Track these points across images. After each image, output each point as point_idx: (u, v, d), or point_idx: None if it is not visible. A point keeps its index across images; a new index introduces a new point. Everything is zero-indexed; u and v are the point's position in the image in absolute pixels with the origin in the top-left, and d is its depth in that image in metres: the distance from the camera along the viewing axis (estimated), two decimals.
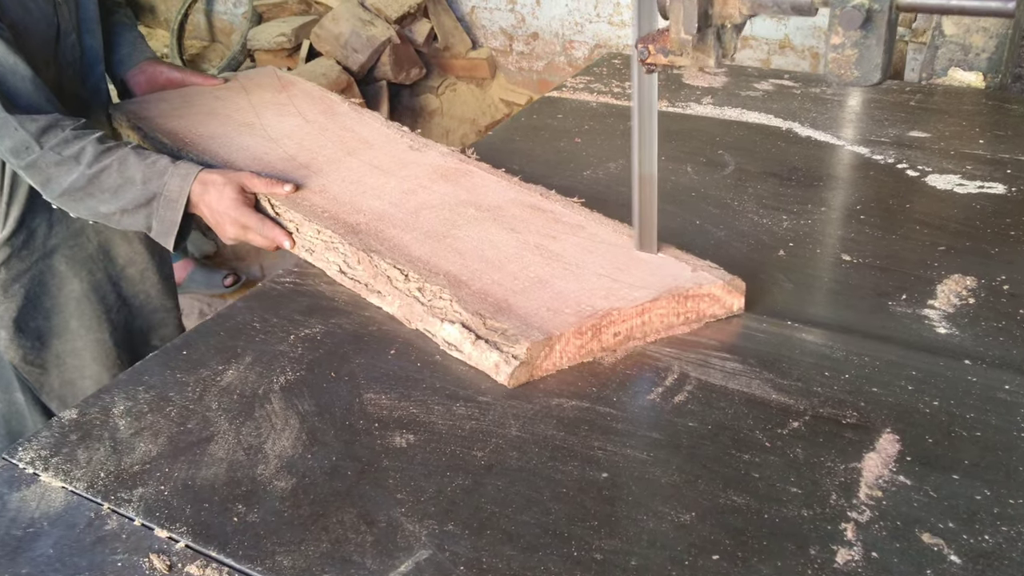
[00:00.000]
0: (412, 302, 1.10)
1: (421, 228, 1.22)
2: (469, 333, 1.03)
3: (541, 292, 1.07)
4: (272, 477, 0.90)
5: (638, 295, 1.05)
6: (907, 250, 1.20)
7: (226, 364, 1.06)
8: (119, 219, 1.32)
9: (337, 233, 1.20)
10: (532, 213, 1.24)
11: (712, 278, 1.09)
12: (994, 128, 1.52)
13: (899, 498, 0.83)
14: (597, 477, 0.87)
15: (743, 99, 1.68)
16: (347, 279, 1.19)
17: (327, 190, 1.31)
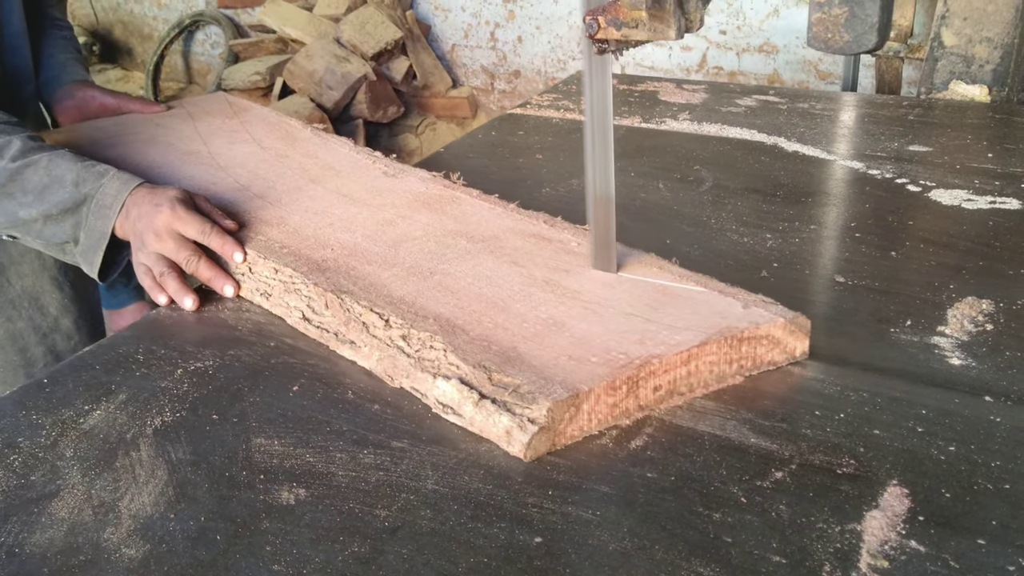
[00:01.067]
0: (395, 353, 0.89)
1: (402, 264, 1.02)
2: (470, 391, 0.82)
3: (557, 337, 0.87)
4: (121, 543, 0.71)
5: (681, 338, 0.85)
6: (910, 271, 1.03)
7: (94, 403, 0.88)
8: (40, 228, 1.11)
9: (299, 272, 1.01)
10: (536, 243, 1.05)
11: (769, 315, 0.88)
12: (1003, 142, 1.36)
13: (911, 570, 0.64)
14: (528, 542, 0.69)
15: (724, 115, 1.53)
16: (312, 327, 0.98)
17: (286, 222, 1.12)
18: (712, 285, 0.93)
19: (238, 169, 1.29)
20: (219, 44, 4.47)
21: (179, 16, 4.81)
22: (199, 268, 1.06)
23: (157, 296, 1.06)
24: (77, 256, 1.13)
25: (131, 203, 1.08)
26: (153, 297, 1.06)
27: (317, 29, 3.81)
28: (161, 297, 1.06)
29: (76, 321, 1.47)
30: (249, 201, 1.19)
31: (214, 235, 1.06)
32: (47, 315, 1.44)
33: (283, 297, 1.02)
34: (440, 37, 4.06)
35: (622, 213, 1.04)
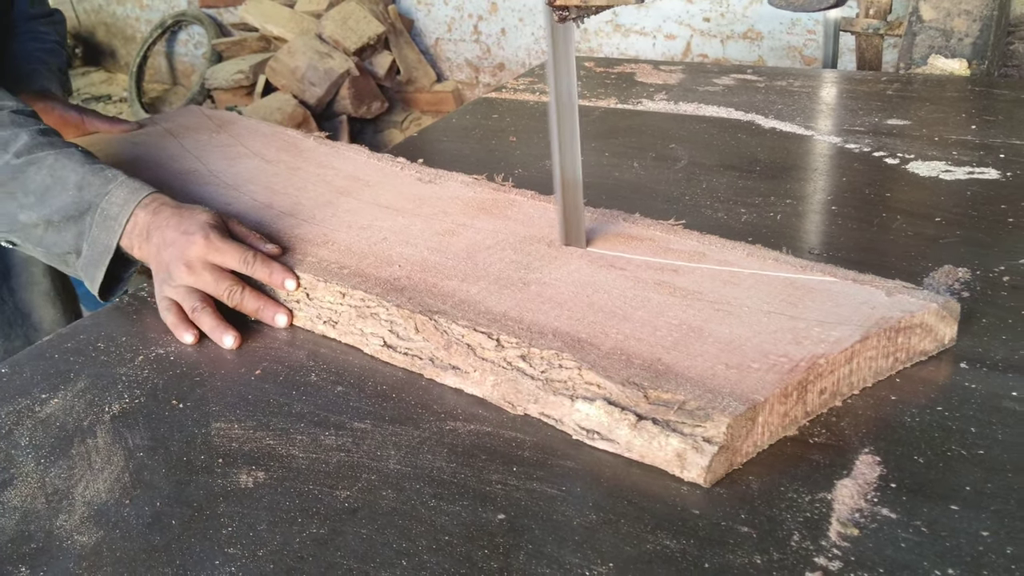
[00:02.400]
0: (515, 377, 0.79)
1: (487, 276, 0.92)
2: (623, 412, 0.73)
3: (702, 344, 0.78)
4: (74, 530, 0.69)
5: (838, 335, 0.78)
6: (887, 242, 1.01)
7: (51, 392, 0.86)
8: (41, 235, 0.99)
9: (373, 293, 0.90)
10: (628, 243, 0.96)
11: (921, 301, 0.82)
12: (983, 113, 1.34)
13: (882, 537, 0.63)
14: (491, 520, 0.67)
15: (701, 94, 1.51)
16: (398, 355, 0.87)
17: (332, 240, 1.02)
18: (840, 273, 0.87)
19: (250, 186, 1.18)
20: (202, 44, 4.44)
21: (161, 17, 4.79)
22: (244, 300, 0.95)
23: (183, 334, 0.93)
24: (79, 269, 1.01)
25: (153, 226, 0.97)
26: (177, 335, 0.93)
27: (299, 25, 3.78)
28: (187, 336, 0.93)
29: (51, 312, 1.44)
30: (278, 220, 1.08)
31: (258, 264, 0.95)
32: (40, 332, 1.41)
33: (355, 324, 0.91)
34: (423, 31, 4.04)
35: (596, 192, 1.03)
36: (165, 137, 1.37)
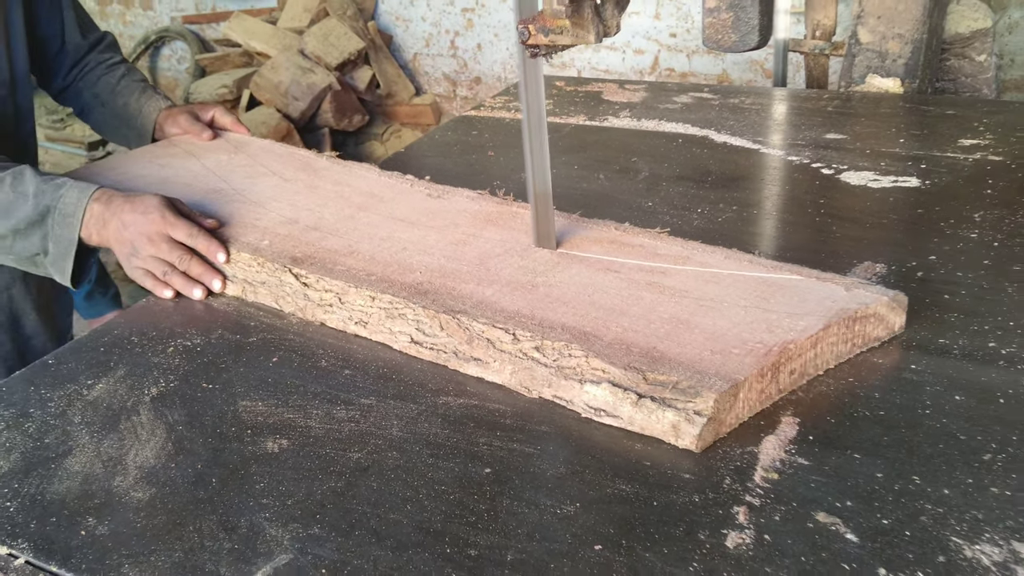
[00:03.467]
0: (531, 365, 0.92)
1: (499, 280, 1.05)
2: (626, 392, 0.86)
3: (690, 334, 0.92)
4: (129, 488, 0.83)
5: (804, 324, 0.91)
6: (818, 242, 1.16)
7: (96, 378, 0.99)
8: (11, 243, 1.18)
9: (400, 297, 1.03)
10: (620, 249, 1.09)
11: (873, 296, 0.96)
12: (911, 128, 1.50)
13: (796, 479, 0.77)
14: (479, 473, 0.81)
15: (661, 111, 1.66)
16: (425, 350, 0.99)
17: (357, 251, 1.14)
18: (805, 272, 1.00)
19: (274, 203, 1.29)
20: (185, 59, 4.56)
21: (144, 33, 4.90)
22: (191, 266, 1.15)
23: (162, 292, 1.15)
24: (48, 267, 1.19)
25: (108, 213, 1.16)
26: (157, 294, 1.15)
27: (282, 42, 3.91)
28: (166, 292, 1.15)
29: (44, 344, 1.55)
30: (305, 233, 1.19)
31: (200, 237, 1.16)
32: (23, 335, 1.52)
33: (385, 324, 1.03)
34: (402, 46, 4.18)
35: (566, 201, 1.17)
36: (187, 158, 1.47)
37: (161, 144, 1.55)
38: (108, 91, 1.56)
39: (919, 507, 0.73)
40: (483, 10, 3.92)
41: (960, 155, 1.37)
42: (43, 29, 1.52)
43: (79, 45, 1.56)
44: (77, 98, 1.59)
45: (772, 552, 0.70)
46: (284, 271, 1.11)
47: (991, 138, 1.42)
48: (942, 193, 1.25)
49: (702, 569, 0.69)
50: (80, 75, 1.58)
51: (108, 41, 1.62)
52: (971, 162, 1.34)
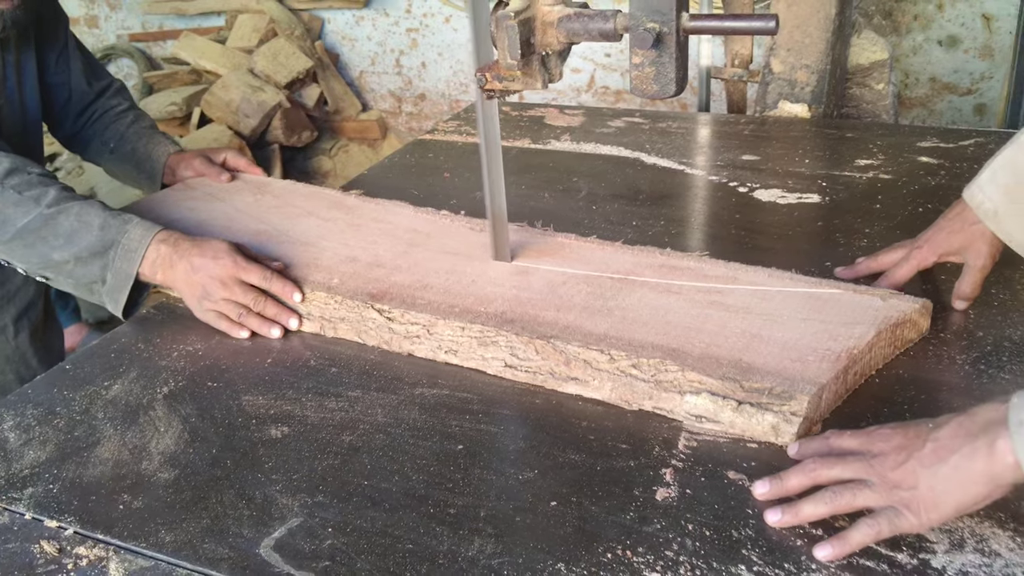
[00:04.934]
0: (630, 382, 1.02)
1: (574, 306, 1.13)
2: (725, 400, 0.97)
3: (766, 347, 1.02)
4: (156, 471, 0.97)
5: (859, 331, 1.04)
6: (730, 253, 1.33)
7: (112, 380, 1.14)
8: (72, 268, 1.22)
9: (490, 326, 1.10)
10: (672, 272, 1.19)
11: (907, 304, 1.09)
12: (815, 150, 1.71)
13: (712, 446, 0.96)
14: (453, 449, 0.98)
15: (597, 135, 1.85)
16: (520, 372, 1.08)
17: (429, 285, 1.20)
18: (842, 286, 1.13)
19: (324, 242, 1.33)
20: (132, 76, 4.63)
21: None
22: (266, 308, 1.21)
23: (238, 333, 1.21)
24: (104, 296, 1.24)
25: (176, 255, 1.21)
26: (234, 334, 1.21)
27: (231, 61, 4.03)
28: (243, 333, 1.20)
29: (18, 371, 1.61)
30: (369, 271, 1.24)
31: (275, 280, 1.21)
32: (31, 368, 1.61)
33: (476, 351, 1.10)
34: (348, 64, 4.32)
35: (515, 219, 1.34)
36: (212, 201, 1.50)
37: (177, 188, 1.57)
38: (117, 137, 1.61)
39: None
40: (427, 30, 4.09)
41: (856, 174, 1.57)
42: (52, 77, 1.57)
43: (85, 92, 1.61)
44: (86, 145, 1.64)
45: (692, 502, 0.88)
46: (366, 307, 1.17)
47: (883, 159, 1.63)
48: (839, 208, 1.46)
49: (636, 517, 0.87)
50: (88, 122, 1.63)
51: (116, 87, 1.67)
52: (865, 180, 1.55)
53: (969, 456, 0.75)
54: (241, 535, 0.87)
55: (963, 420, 0.78)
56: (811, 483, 0.85)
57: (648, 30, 0.96)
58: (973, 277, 1.16)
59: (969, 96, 3.21)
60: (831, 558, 0.80)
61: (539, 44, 1.05)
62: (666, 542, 0.83)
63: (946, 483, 0.76)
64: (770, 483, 0.87)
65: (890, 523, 0.79)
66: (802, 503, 0.84)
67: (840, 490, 0.83)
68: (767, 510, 0.85)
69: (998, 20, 3.08)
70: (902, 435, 0.82)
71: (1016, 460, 0.72)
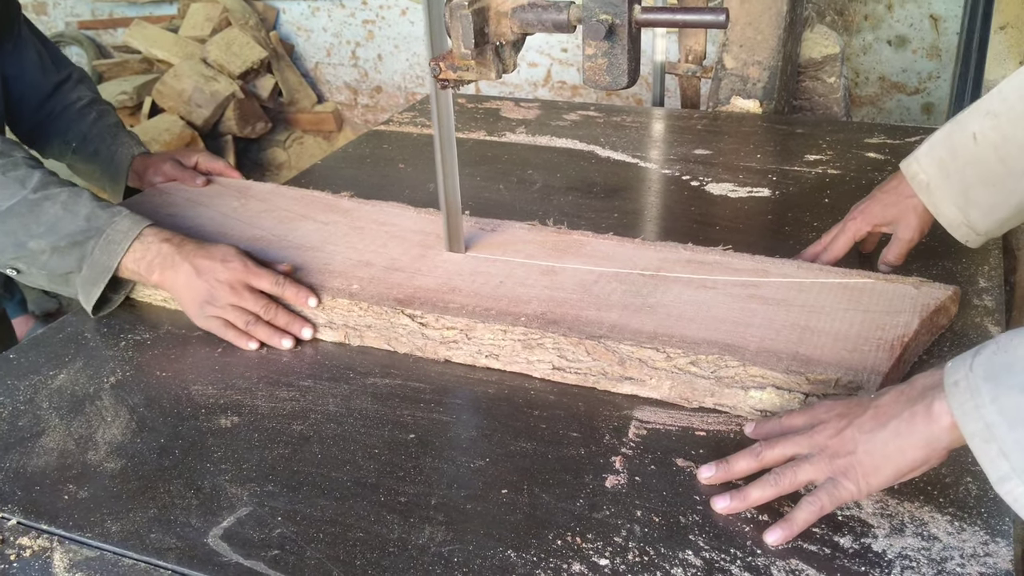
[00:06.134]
0: (690, 379, 1.00)
1: (614, 304, 1.10)
2: (791, 394, 0.96)
3: (819, 338, 1.02)
4: (102, 460, 0.96)
5: (903, 320, 1.04)
6: None
7: (57, 369, 1.12)
8: (47, 259, 1.15)
9: (532, 328, 1.06)
10: (701, 268, 1.17)
11: (941, 291, 1.09)
12: (765, 145, 1.73)
13: (660, 435, 0.97)
14: (405, 438, 0.98)
15: (553, 128, 1.85)
16: (569, 375, 1.05)
17: (458, 288, 1.16)
18: (874, 276, 1.13)
19: (329, 247, 1.28)
20: (82, 65, 4.54)
21: None
22: (277, 316, 1.14)
23: (246, 344, 1.13)
24: (77, 286, 1.16)
25: (180, 256, 1.14)
26: (241, 345, 1.13)
27: (183, 50, 3.97)
28: (251, 344, 1.13)
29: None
30: (389, 275, 1.19)
31: (287, 285, 1.15)
32: None
33: (520, 355, 1.07)
34: (304, 55, 4.28)
35: (470, 210, 1.34)
36: (195, 207, 1.42)
37: (150, 193, 1.48)
38: (79, 137, 1.52)
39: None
40: (383, 22, 4.06)
41: (805, 169, 1.60)
42: (5, 69, 1.48)
43: (41, 84, 1.51)
44: (48, 143, 1.55)
45: (641, 489, 0.89)
46: (396, 313, 1.12)
47: (832, 154, 1.66)
48: (788, 202, 1.48)
49: (586, 504, 0.87)
50: (49, 119, 1.53)
51: (76, 78, 1.56)
52: (814, 175, 1.57)
53: (908, 420, 0.77)
54: (189, 525, 0.86)
55: (903, 388, 0.80)
56: (759, 466, 0.87)
57: (601, 21, 0.97)
58: (900, 248, 1.21)
59: (917, 95, 3.28)
60: (780, 541, 0.81)
61: (493, 34, 1.05)
62: (615, 528, 0.84)
63: (884, 447, 0.78)
64: (716, 467, 0.89)
65: (830, 496, 0.81)
66: (749, 488, 0.85)
67: (782, 470, 0.84)
68: (715, 497, 0.86)
69: (945, 21, 3.14)
70: (844, 405, 0.84)
71: (952, 421, 0.73)
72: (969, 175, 1.13)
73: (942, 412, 0.74)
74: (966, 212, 1.15)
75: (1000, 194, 1.12)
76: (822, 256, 1.23)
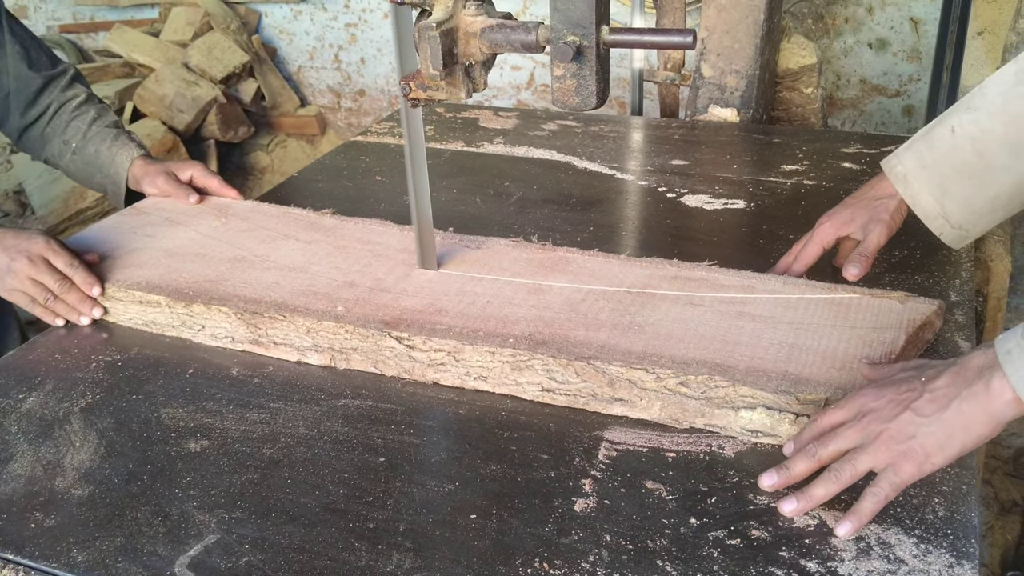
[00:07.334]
0: (680, 400, 0.99)
1: (601, 324, 1.10)
2: (782, 414, 0.96)
3: (808, 356, 1.02)
4: (70, 487, 0.96)
5: (890, 336, 1.05)
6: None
7: (27, 392, 1.11)
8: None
9: (520, 349, 1.05)
10: (688, 284, 1.17)
11: (925, 306, 1.09)
12: (742, 155, 1.74)
13: (630, 456, 0.97)
14: (375, 461, 0.98)
15: (530, 138, 1.85)
16: (559, 396, 1.05)
17: (444, 309, 1.14)
18: (858, 290, 1.13)
19: (313, 268, 1.26)
20: None
21: None
22: (70, 294, 1.22)
23: (53, 320, 1.23)
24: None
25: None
26: (48, 321, 1.23)
27: (165, 55, 3.95)
28: (58, 321, 1.23)
29: None
30: (374, 296, 1.18)
31: (80, 269, 1.23)
32: None
33: (509, 376, 1.06)
34: (286, 59, 4.26)
35: (445, 224, 1.34)
36: (172, 227, 1.41)
37: (127, 213, 1.47)
38: (79, 136, 1.50)
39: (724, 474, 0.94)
40: (366, 25, 4.05)
41: (781, 179, 1.60)
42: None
43: (29, 79, 1.49)
44: (45, 144, 1.53)
45: (610, 513, 0.89)
46: (382, 336, 1.10)
47: (808, 164, 1.66)
48: (763, 214, 1.48)
49: (555, 529, 0.87)
50: (44, 116, 1.51)
51: (70, 75, 1.54)
52: (789, 186, 1.58)
53: (969, 400, 0.81)
54: (156, 553, 0.86)
55: (956, 370, 0.84)
56: (817, 465, 0.88)
57: (568, 43, 0.97)
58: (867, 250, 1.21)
59: (898, 98, 3.28)
60: (850, 533, 0.84)
61: (462, 55, 1.05)
62: (583, 553, 0.84)
63: (950, 428, 0.82)
64: (777, 474, 0.90)
65: (890, 484, 0.84)
66: (812, 488, 0.87)
67: (841, 465, 0.86)
68: (782, 501, 0.88)
69: (925, 24, 3.15)
70: (893, 390, 0.87)
71: (1015, 394, 0.79)
72: (946, 166, 1.15)
73: (1003, 388, 0.80)
74: (942, 203, 1.16)
75: (976, 186, 1.14)
76: (793, 266, 1.24)
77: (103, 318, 1.25)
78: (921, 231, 1.21)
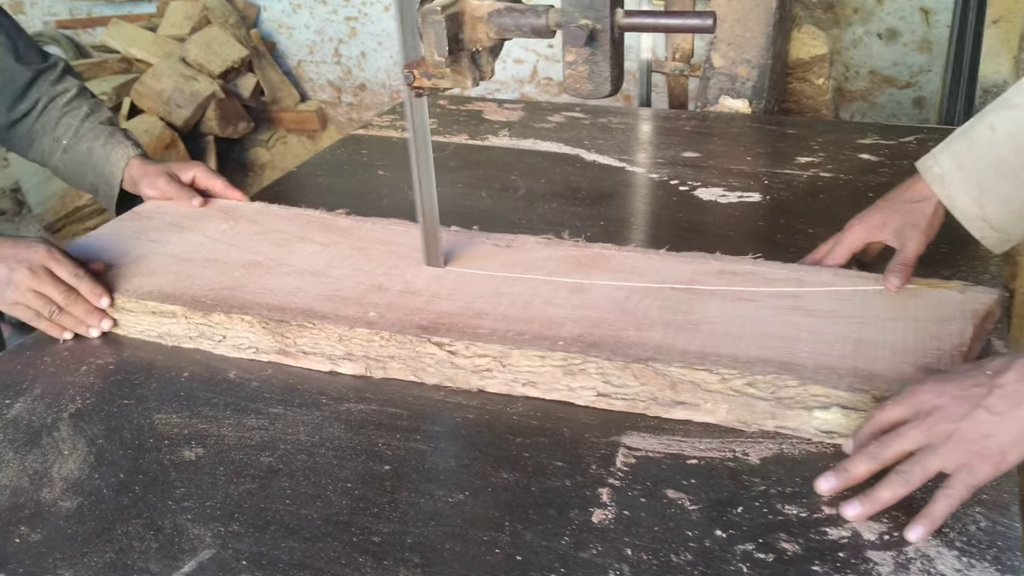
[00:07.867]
0: (748, 401, 0.94)
1: (652, 322, 1.04)
2: (858, 413, 0.91)
3: (875, 351, 0.97)
4: (57, 499, 0.90)
5: (956, 328, 1.00)
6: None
7: (13, 398, 1.06)
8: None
9: (573, 352, 1.00)
10: (735, 279, 1.11)
11: (987, 295, 1.05)
12: (755, 147, 1.68)
13: (649, 463, 0.92)
14: (380, 470, 0.92)
15: (537, 130, 1.80)
16: (616, 400, 0.99)
17: (484, 312, 1.08)
18: (915, 281, 1.08)
19: (336, 271, 1.20)
20: None
21: None
22: (76, 305, 1.14)
23: (60, 334, 1.15)
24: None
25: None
26: (54, 335, 1.15)
27: (162, 49, 3.89)
28: (65, 335, 1.15)
29: None
30: (406, 300, 1.12)
31: (85, 280, 1.14)
32: None
33: (561, 381, 1.00)
34: (286, 53, 4.21)
35: (451, 219, 1.29)
36: (179, 231, 1.33)
37: (127, 218, 1.40)
38: (71, 133, 1.42)
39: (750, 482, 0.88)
40: (366, 19, 4.00)
41: (797, 171, 1.55)
42: None
43: (15, 72, 1.41)
44: (34, 141, 1.45)
45: (630, 524, 0.84)
46: (423, 342, 1.04)
47: (823, 156, 1.61)
48: (779, 207, 1.43)
49: (572, 542, 0.82)
50: (33, 112, 1.43)
51: (60, 68, 1.46)
52: (805, 178, 1.52)
53: None
54: (148, 570, 0.81)
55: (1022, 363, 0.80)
56: (879, 466, 0.84)
57: (581, 27, 0.91)
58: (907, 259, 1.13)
59: (908, 89, 3.23)
60: (922, 537, 0.80)
61: (468, 40, 1.00)
62: (602, 569, 0.79)
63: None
64: (835, 476, 0.85)
65: (965, 485, 0.80)
66: (878, 490, 0.82)
67: (909, 467, 0.82)
68: (845, 505, 0.83)
69: (936, 14, 3.10)
70: (957, 386, 0.82)
71: None
72: (984, 165, 1.10)
73: None
74: (981, 204, 1.11)
75: (1014, 185, 1.09)
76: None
77: (112, 330, 1.18)
78: (946, 225, 1.16)
